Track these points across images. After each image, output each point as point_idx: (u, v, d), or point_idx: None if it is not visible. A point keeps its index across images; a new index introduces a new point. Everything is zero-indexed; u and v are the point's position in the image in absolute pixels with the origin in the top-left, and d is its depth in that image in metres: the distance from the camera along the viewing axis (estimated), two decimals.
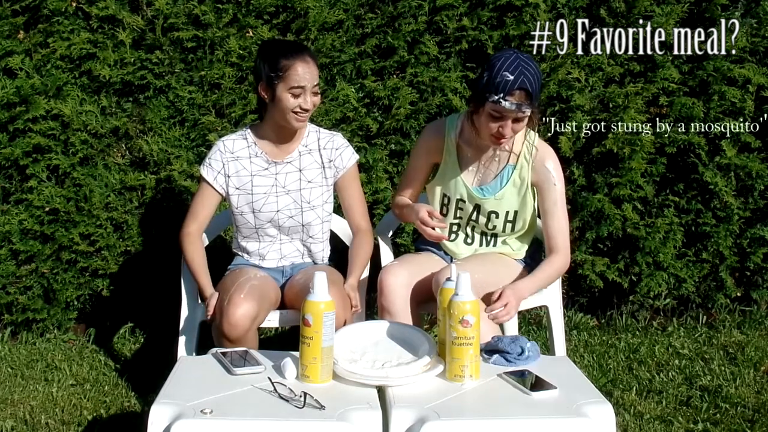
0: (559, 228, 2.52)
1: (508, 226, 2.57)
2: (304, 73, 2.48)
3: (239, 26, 3.33)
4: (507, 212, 2.55)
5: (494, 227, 2.57)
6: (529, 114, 2.36)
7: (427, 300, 2.49)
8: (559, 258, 2.52)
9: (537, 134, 2.54)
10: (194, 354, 2.60)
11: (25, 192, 3.37)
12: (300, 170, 2.65)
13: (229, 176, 2.63)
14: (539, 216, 2.57)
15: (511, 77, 2.29)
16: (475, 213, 2.58)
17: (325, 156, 2.66)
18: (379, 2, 3.38)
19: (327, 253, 2.77)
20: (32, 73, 3.31)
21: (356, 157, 2.71)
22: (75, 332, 3.55)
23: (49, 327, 3.49)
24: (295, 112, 2.51)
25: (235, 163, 2.63)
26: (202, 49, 3.35)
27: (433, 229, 2.47)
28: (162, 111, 3.38)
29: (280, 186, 2.63)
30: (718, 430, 2.56)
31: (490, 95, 2.32)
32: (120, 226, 3.42)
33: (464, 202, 2.58)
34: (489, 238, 2.62)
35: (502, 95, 2.30)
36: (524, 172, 2.52)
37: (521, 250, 2.65)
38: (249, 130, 2.67)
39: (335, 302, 2.01)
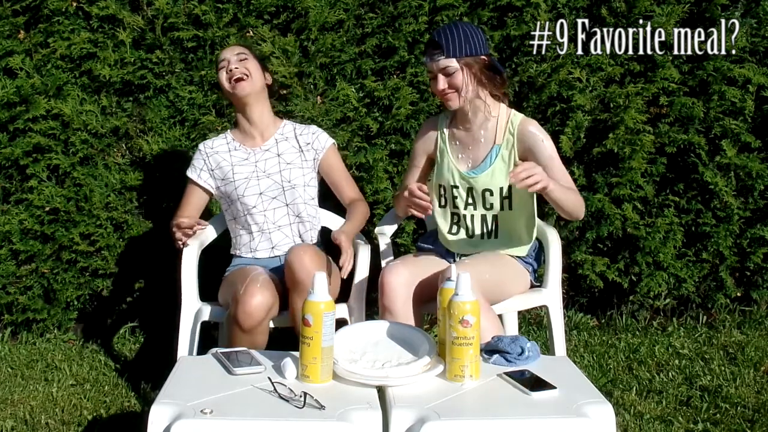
0: (562, 176, 2.51)
1: (506, 203, 2.57)
2: (225, 52, 2.78)
3: (239, 26, 3.34)
4: (501, 189, 2.56)
5: (491, 206, 2.58)
6: (450, 63, 2.44)
7: (428, 300, 2.49)
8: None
9: (517, 112, 2.58)
10: (194, 354, 2.60)
11: (25, 192, 3.37)
12: (278, 155, 2.80)
13: (212, 170, 2.80)
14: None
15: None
16: (470, 197, 2.59)
17: (302, 140, 2.84)
18: (379, 2, 3.38)
19: (318, 230, 2.86)
20: (32, 73, 3.32)
21: (332, 140, 2.89)
22: (75, 332, 3.55)
23: (49, 327, 3.49)
24: (228, 80, 2.73)
25: (215, 157, 2.81)
26: (202, 49, 3.35)
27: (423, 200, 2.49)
28: (162, 111, 3.38)
29: (261, 171, 2.78)
30: (718, 430, 2.55)
31: None
32: (120, 226, 3.42)
33: (457, 188, 2.60)
34: (491, 227, 2.61)
35: (424, 55, 2.53)
36: (510, 145, 2.55)
37: (524, 249, 2.65)
38: (228, 131, 2.88)
39: (319, 266, 2.27)
